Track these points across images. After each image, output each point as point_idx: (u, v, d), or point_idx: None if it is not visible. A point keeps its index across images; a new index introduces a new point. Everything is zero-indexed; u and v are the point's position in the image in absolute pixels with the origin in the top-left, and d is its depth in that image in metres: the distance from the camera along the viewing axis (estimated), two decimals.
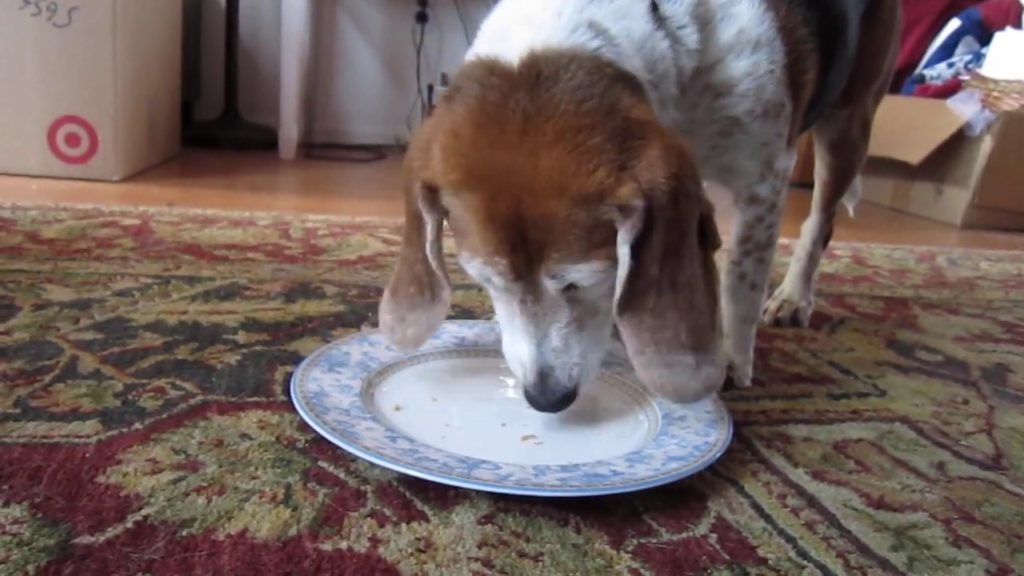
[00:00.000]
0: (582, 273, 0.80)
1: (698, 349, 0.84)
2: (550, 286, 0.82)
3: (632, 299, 0.82)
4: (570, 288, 0.83)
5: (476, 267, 0.83)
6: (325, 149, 3.64)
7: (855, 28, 1.21)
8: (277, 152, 3.34)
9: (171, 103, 2.93)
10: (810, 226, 1.63)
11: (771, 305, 1.61)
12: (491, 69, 0.79)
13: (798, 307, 1.58)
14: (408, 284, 0.96)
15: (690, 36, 0.91)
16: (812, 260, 1.63)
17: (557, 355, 0.86)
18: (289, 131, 3.32)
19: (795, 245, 1.65)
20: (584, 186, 0.76)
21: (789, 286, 1.63)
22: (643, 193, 0.76)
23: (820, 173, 1.58)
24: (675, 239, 0.81)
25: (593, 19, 0.81)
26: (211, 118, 3.57)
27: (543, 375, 0.86)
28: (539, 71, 0.77)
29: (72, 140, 2.37)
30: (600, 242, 0.79)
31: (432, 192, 0.83)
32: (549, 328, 0.85)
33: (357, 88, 3.98)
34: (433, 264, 0.90)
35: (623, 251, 0.79)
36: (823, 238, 1.63)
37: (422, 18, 3.92)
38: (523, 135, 0.76)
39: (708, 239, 0.86)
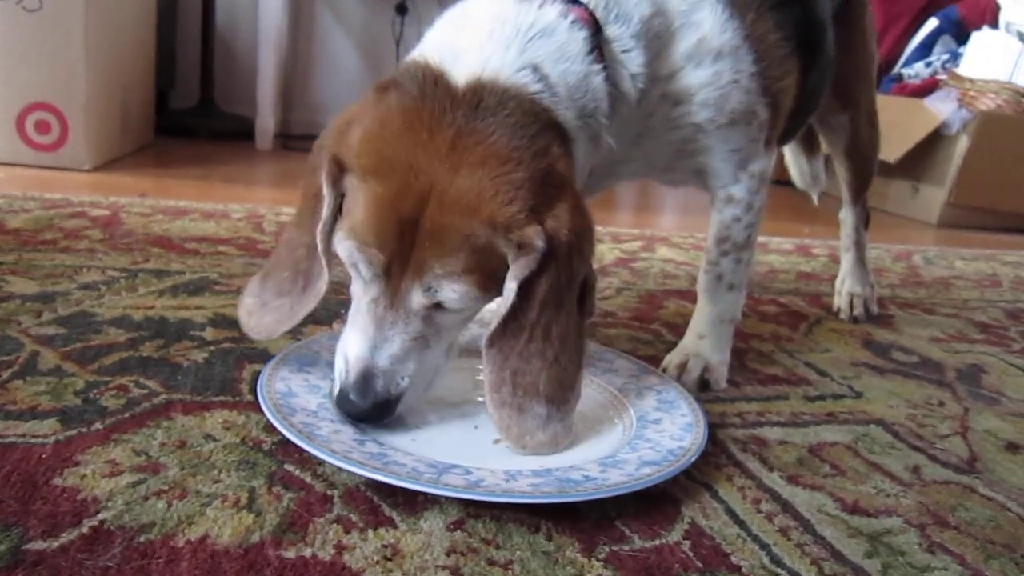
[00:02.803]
0: (456, 294, 0.80)
1: (552, 402, 0.85)
2: (417, 298, 0.81)
3: (504, 336, 0.83)
4: (435, 307, 0.83)
5: (348, 249, 0.81)
6: (302, 140, 3.59)
7: (831, 32, 1.20)
8: (253, 143, 3.30)
9: (145, 91, 2.88)
10: (848, 216, 1.69)
11: (840, 303, 1.67)
12: (436, 81, 0.81)
13: (865, 297, 1.66)
14: (283, 269, 0.92)
15: (634, 60, 0.92)
16: (860, 245, 1.69)
17: (392, 362, 0.83)
18: (266, 122, 3.28)
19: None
20: (495, 213, 0.77)
21: (849, 278, 1.70)
22: (546, 237, 0.79)
23: (842, 176, 1.65)
24: (559, 291, 0.82)
25: (536, 62, 0.83)
26: (186, 107, 3.52)
27: (367, 377, 0.83)
28: (481, 98, 0.80)
29: (42, 127, 2.32)
30: (485, 270, 0.80)
31: (340, 170, 0.82)
32: (394, 335, 0.83)
33: (335, 79, 3.93)
34: (320, 247, 0.85)
35: (510, 286, 0.80)
36: (863, 221, 1.69)
37: (402, 10, 3.88)
38: (451, 148, 0.78)
39: (586, 305, 0.88)
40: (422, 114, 0.79)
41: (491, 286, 0.81)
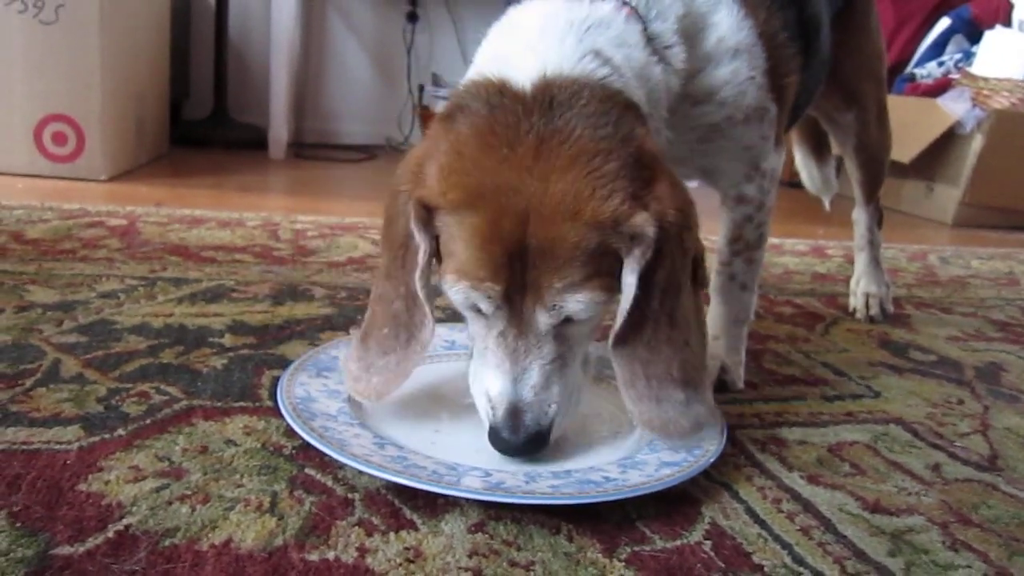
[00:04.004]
0: (582, 304, 0.76)
1: (688, 386, 0.84)
2: (543, 320, 0.78)
3: (630, 331, 0.80)
4: (562, 322, 0.79)
5: (462, 292, 0.77)
6: (315, 149, 3.62)
7: (827, 30, 1.21)
8: (267, 152, 3.31)
9: (159, 102, 2.91)
10: (861, 216, 1.69)
11: (855, 304, 1.67)
12: (501, 91, 0.77)
13: (881, 297, 1.66)
14: (382, 326, 0.86)
15: (677, 55, 0.91)
16: (874, 245, 1.70)
17: (535, 392, 0.80)
18: (279, 131, 3.30)
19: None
20: (599, 211, 0.74)
21: (864, 278, 1.69)
22: (656, 222, 0.76)
23: (853, 175, 1.65)
24: (677, 273, 0.80)
25: (597, 47, 0.80)
26: (200, 117, 3.55)
27: (515, 412, 0.80)
28: (552, 96, 0.76)
29: (59, 139, 2.34)
30: (603, 272, 0.77)
31: (428, 212, 0.78)
32: (531, 364, 0.80)
33: (347, 88, 3.96)
34: (421, 294, 0.81)
35: (630, 280, 0.77)
36: (877, 221, 1.70)
37: (412, 18, 3.90)
38: (536, 157, 0.74)
39: (699, 278, 0.86)
40: (496, 129, 0.75)
41: (613, 285, 0.78)
